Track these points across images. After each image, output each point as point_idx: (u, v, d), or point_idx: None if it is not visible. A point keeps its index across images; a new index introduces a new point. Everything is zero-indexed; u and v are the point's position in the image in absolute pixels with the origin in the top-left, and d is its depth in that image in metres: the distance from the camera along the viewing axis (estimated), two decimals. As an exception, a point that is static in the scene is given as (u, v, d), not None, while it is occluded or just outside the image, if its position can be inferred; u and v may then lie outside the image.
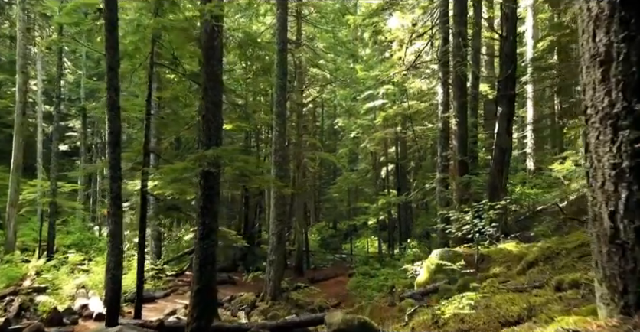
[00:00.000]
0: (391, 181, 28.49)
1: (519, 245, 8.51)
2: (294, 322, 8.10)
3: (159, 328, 7.50)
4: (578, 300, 3.10)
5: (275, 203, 14.15)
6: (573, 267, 4.63)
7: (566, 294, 3.32)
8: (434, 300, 7.19)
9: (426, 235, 19.06)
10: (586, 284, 3.29)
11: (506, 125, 11.93)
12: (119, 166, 8.07)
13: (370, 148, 25.31)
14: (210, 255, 6.67)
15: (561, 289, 3.47)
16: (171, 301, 13.60)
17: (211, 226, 6.74)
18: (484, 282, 5.45)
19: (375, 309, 7.22)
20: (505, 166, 12.19)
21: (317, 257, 26.38)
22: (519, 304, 3.38)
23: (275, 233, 14.15)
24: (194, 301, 6.48)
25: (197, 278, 6.60)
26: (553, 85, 20.79)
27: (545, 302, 3.25)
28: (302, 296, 15.32)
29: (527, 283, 4.38)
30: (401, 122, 22.89)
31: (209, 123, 6.82)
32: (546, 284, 4.01)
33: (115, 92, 8.00)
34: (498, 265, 7.53)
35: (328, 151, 30.86)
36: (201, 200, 6.77)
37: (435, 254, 8.64)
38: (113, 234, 7.93)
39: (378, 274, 17.70)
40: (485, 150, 20.47)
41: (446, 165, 13.22)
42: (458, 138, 12.44)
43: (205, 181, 6.74)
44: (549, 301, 3.25)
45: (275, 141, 14.37)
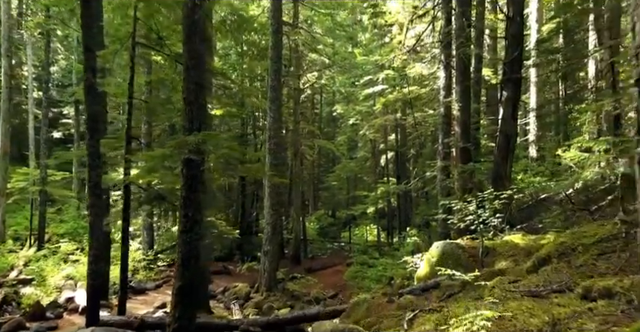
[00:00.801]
0: (391, 169, 27.95)
1: (525, 237, 8.01)
2: (285, 319, 7.65)
3: (139, 329, 7.03)
4: (616, 316, 2.59)
5: (270, 192, 13.64)
6: (594, 266, 4.12)
7: (597, 304, 2.80)
8: (435, 296, 6.72)
9: (426, 224, 18.59)
10: (622, 294, 2.77)
11: (511, 110, 11.34)
12: (99, 153, 7.54)
13: (370, 135, 24.71)
14: (194, 249, 6.15)
15: (589, 298, 2.96)
16: (162, 293, 13.18)
17: (195, 218, 6.21)
18: (492, 281, 4.94)
19: (372, 306, 6.75)
20: (510, 153, 11.62)
21: (315, 246, 25.98)
22: (539, 316, 2.86)
23: (270, 223, 13.67)
24: (176, 299, 5.99)
25: (179, 274, 6.09)
26: (558, 69, 20.12)
27: (572, 314, 2.73)
28: (299, 287, 14.90)
29: (542, 285, 3.87)
30: (401, 108, 22.27)
31: (191, 106, 6.25)
32: (568, 289, 3.50)
33: (92, 73, 7.43)
34: (504, 259, 7.03)
35: (327, 139, 30.28)
36: (184, 189, 6.24)
37: (437, 246, 8.15)
38: (93, 226, 7.43)
39: (377, 264, 17.27)
40: (488, 137, 19.93)
41: (448, 153, 12.67)
42: (461, 124, 11.86)
43: (187, 170, 6.19)
44: (577, 314, 2.73)
45: (270, 127, 13.80)
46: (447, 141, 12.34)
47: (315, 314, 7.68)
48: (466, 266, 7.56)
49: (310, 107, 29.69)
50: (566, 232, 5.37)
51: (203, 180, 6.38)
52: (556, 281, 3.96)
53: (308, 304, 13.63)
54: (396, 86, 20.92)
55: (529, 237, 7.94)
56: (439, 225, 12.12)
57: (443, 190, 12.38)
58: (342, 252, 23.57)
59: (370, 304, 6.82)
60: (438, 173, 12.66)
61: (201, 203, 6.38)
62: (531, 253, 6.94)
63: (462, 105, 11.77)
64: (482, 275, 6.27)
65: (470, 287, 6.09)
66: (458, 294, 6.16)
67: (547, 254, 5.00)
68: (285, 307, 12.88)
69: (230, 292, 13.32)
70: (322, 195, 34.02)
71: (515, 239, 7.96)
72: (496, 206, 7.94)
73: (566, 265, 4.50)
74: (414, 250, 16.60)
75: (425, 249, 16.52)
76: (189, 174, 6.24)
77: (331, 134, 35.58)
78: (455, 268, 7.67)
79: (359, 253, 18.97)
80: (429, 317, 4.15)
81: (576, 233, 5.10)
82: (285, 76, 17.82)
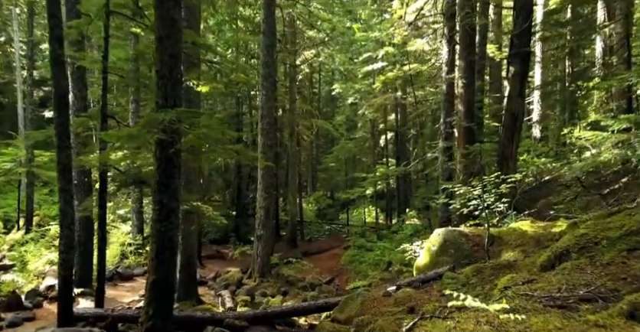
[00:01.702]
0: (390, 150, 27.26)
1: (535, 224, 7.40)
2: (274, 312, 7.10)
3: (109, 328, 6.48)
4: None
5: (263, 174, 13.00)
6: (625, 265, 3.50)
7: (652, 330, 2.22)
8: (436, 290, 6.14)
9: (425, 207, 18.01)
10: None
11: (519, 87, 10.60)
12: (67, 133, 6.86)
13: (369, 114, 23.96)
14: (169, 240, 5.54)
15: (637, 317, 2.35)
16: (151, 279, 12.66)
17: (170, 206, 5.58)
18: (502, 279, 4.34)
19: (367, 300, 6.18)
20: (516, 133, 10.92)
21: (313, 228, 25.49)
22: (573, 341, 2.27)
23: (263, 207, 13.08)
24: (150, 294, 5.41)
25: (153, 268, 5.49)
26: (565, 45, 19.24)
27: (617, 342, 2.16)
28: (293, 272, 14.41)
29: (565, 289, 3.25)
30: (401, 86, 21.45)
31: (165, 80, 5.54)
32: (600, 297, 2.89)
33: (58, 43, 6.69)
34: (511, 249, 6.43)
35: (326, 119, 29.48)
36: (157, 174, 5.58)
37: (438, 234, 7.55)
38: (63, 213, 6.80)
39: (374, 247, 16.79)
40: (491, 116, 19.18)
41: (450, 133, 11.98)
42: (465, 102, 11.14)
43: (161, 151, 5.53)
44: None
45: (263, 106, 13.08)
46: (449, 121, 11.64)
47: (305, 307, 7.14)
48: (470, 256, 6.99)
49: (308, 86, 28.85)
50: (588, 223, 4.73)
51: (179, 164, 5.71)
52: (582, 283, 3.34)
53: (302, 290, 13.16)
54: (396, 63, 20.05)
55: (538, 224, 7.34)
56: (440, 209, 11.53)
57: (445, 173, 11.75)
58: (340, 235, 23.06)
59: (365, 298, 6.25)
60: (439, 154, 12.00)
61: (178, 189, 5.73)
62: (541, 243, 6.35)
63: (465, 82, 11.04)
64: (488, 267, 5.69)
65: (476, 281, 5.51)
66: (462, 288, 5.58)
67: (565, 248, 4.38)
68: (279, 294, 12.41)
69: (221, 278, 12.81)
70: (320, 176, 33.43)
71: (523, 226, 7.36)
72: (502, 190, 7.31)
73: (589, 262, 3.88)
74: (413, 234, 16.11)
75: (424, 234, 16.03)
76: (163, 157, 5.58)
77: (330, 114, 34.78)
78: (459, 258, 7.10)
79: (357, 236, 18.45)
80: (429, 326, 3.55)
81: (599, 224, 4.47)
82: (279, 52, 16.99)
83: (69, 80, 10.63)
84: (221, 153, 6.48)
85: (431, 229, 16.48)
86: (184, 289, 10.05)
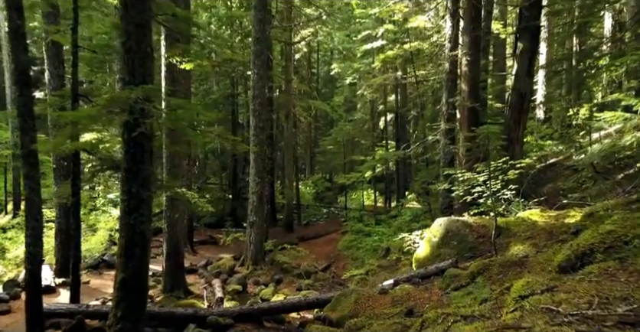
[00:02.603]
0: (390, 132, 26.55)
1: (545, 213, 6.81)
2: (261, 309, 6.56)
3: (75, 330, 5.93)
4: None
5: (255, 158, 12.36)
6: (666, 273, 2.90)
7: None
8: (437, 287, 5.59)
9: (426, 191, 17.43)
10: None
11: (527, 65, 9.90)
12: (31, 113, 6.19)
13: (368, 95, 23.19)
14: (140, 234, 4.95)
15: None
16: (139, 267, 12.14)
17: (140, 196, 4.97)
18: (514, 283, 3.74)
19: (361, 298, 5.63)
20: (524, 115, 10.29)
21: (310, 212, 25.00)
22: None
23: (256, 192, 12.48)
24: (119, 295, 4.85)
25: (121, 265, 4.92)
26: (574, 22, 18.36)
27: None
28: (288, 258, 13.89)
29: (598, 304, 2.66)
30: (401, 65, 20.61)
31: (131, 53, 4.86)
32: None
33: (17, 13, 5.96)
34: (521, 242, 5.85)
35: (325, 100, 28.66)
36: (125, 160, 4.96)
37: (440, 224, 6.97)
38: (29, 202, 6.19)
39: (372, 232, 16.27)
40: (494, 97, 18.45)
41: (453, 114, 11.29)
42: (469, 81, 10.44)
43: (129, 135, 4.89)
44: None
45: (254, 85, 12.35)
46: (452, 101, 10.95)
47: (295, 303, 6.61)
48: (474, 249, 6.42)
49: (306, 66, 27.96)
50: (615, 217, 4.12)
51: (149, 148, 5.07)
52: (617, 296, 2.75)
53: (297, 277, 12.67)
54: (396, 41, 19.19)
55: (548, 213, 6.75)
56: (441, 194, 10.93)
57: (446, 156, 11.12)
58: (338, 218, 22.56)
59: (359, 296, 5.70)
60: (441, 137, 11.34)
61: (150, 177, 5.11)
62: (554, 235, 5.77)
63: (470, 59, 10.31)
64: (496, 264, 5.11)
65: (483, 280, 4.94)
66: (467, 288, 5.02)
67: (589, 246, 3.78)
68: (272, 282, 11.92)
69: (212, 266, 12.29)
70: (318, 159, 32.80)
71: (532, 215, 6.77)
72: (510, 176, 6.70)
73: (620, 266, 3.29)
74: (412, 219, 15.57)
75: (424, 219, 15.47)
76: (131, 141, 4.94)
77: (328, 94, 33.95)
78: (462, 250, 6.54)
79: (354, 221, 17.91)
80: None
81: (628, 219, 3.86)
82: (273, 28, 16.16)
83: (44, 57, 9.94)
84: (196, 136, 5.83)
85: (431, 213, 15.98)
86: (171, 279, 9.55)
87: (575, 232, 5.24)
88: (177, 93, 9.36)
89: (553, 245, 5.18)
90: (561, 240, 5.20)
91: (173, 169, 9.29)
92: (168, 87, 9.19)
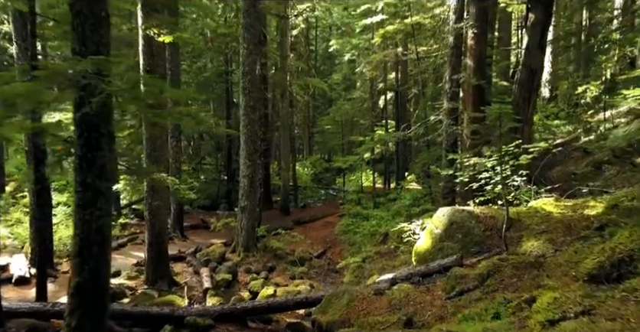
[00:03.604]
0: (390, 111, 25.68)
1: (560, 202, 6.12)
2: (244, 308, 5.95)
3: None
4: None
5: (246, 139, 11.63)
6: None
7: None
8: (440, 288, 4.94)
9: (426, 174, 16.74)
10: None
11: (539, 38, 9.06)
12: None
13: (367, 72, 22.24)
14: (98, 231, 4.28)
15: None
16: (125, 253, 11.57)
17: (97, 187, 4.27)
18: (540, 298, 3.07)
19: (354, 299, 5.00)
20: (533, 93, 9.51)
21: (307, 193, 24.38)
22: None
23: (247, 175, 11.80)
24: (73, 301, 4.20)
25: (76, 267, 4.26)
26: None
27: None
28: (282, 244, 13.31)
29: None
30: (402, 41, 19.64)
31: (81, 18, 4.09)
32: None
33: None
34: (534, 237, 5.18)
35: (323, 78, 27.69)
36: (78, 146, 4.24)
37: (443, 214, 6.29)
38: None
39: (370, 216, 15.67)
40: (499, 74, 17.59)
41: (456, 92, 10.49)
42: (475, 56, 9.62)
43: (82, 116, 4.16)
44: None
45: (244, 61, 11.52)
46: (456, 78, 10.14)
47: (282, 302, 6.00)
48: (481, 243, 5.76)
49: (304, 42, 26.87)
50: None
51: (108, 132, 4.35)
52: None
53: (291, 264, 12.11)
54: (397, 14, 18.17)
55: (564, 203, 6.06)
56: (443, 178, 10.24)
57: (449, 138, 10.37)
58: (336, 200, 21.95)
59: (353, 297, 5.06)
60: (444, 117, 10.58)
61: (108, 165, 4.40)
62: (573, 230, 5.09)
63: (477, 32, 9.47)
64: (509, 265, 4.44)
65: (494, 284, 4.29)
66: (474, 292, 4.37)
67: (628, 253, 3.11)
68: (265, 270, 11.36)
69: (202, 253, 11.68)
70: (316, 140, 32.02)
71: (546, 205, 6.08)
72: (522, 161, 6.00)
73: (674, 281, 2.61)
74: (412, 203, 14.93)
75: (424, 202, 14.83)
76: (83, 123, 4.22)
77: (327, 72, 32.95)
78: (467, 244, 5.87)
79: (352, 203, 17.28)
80: None
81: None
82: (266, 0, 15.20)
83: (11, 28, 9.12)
84: (161, 117, 5.09)
85: (431, 197, 15.35)
86: (154, 270, 8.95)
87: (599, 227, 4.57)
88: (158, 69, 8.58)
89: (573, 243, 4.51)
90: (583, 237, 4.53)
91: (153, 153, 8.57)
92: (146, 62, 8.39)
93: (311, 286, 9.93)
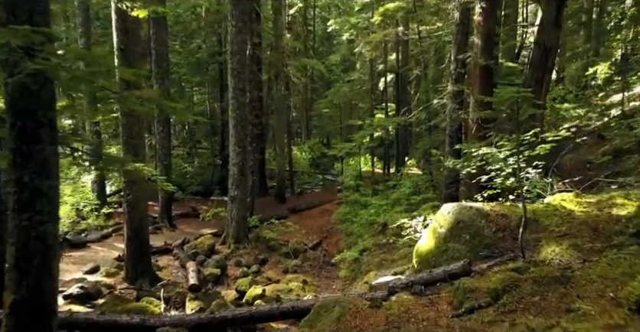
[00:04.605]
0: (390, 94, 24.79)
1: (581, 198, 5.39)
2: (224, 318, 5.29)
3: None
4: None
5: (235, 124, 10.86)
6: None
7: None
8: (446, 302, 4.27)
9: (427, 160, 16.00)
10: None
11: (555, 13, 8.21)
12: None
13: (367, 53, 21.28)
14: (38, 239, 3.58)
15: None
16: (108, 246, 10.93)
17: (36, 186, 3.56)
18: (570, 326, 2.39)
19: (346, 315, 4.32)
20: (547, 74, 8.71)
21: (305, 179, 23.66)
22: None
23: (237, 163, 11.07)
24: (9, 322, 3.53)
25: (13, 283, 3.57)
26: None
27: None
28: (276, 234, 12.67)
29: None
30: (403, 20, 18.66)
31: (8, -20, 3.32)
32: None
33: None
34: (555, 241, 4.47)
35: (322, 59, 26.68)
36: (10, 137, 3.51)
37: (448, 212, 5.58)
38: None
39: (369, 204, 15.00)
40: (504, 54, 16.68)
41: (462, 73, 9.67)
42: (484, 34, 8.77)
43: (13, 101, 3.42)
44: None
45: (233, 40, 10.67)
46: (462, 58, 9.31)
47: (266, 312, 5.33)
48: (492, 246, 5.06)
49: (302, 22, 25.82)
50: None
51: (49, 120, 3.61)
52: None
53: (284, 257, 11.49)
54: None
55: (586, 199, 5.33)
56: (446, 168, 9.49)
57: (454, 123, 9.60)
58: (334, 186, 21.27)
59: (344, 310, 4.39)
60: (448, 100, 9.78)
61: (51, 159, 3.67)
62: (601, 233, 4.39)
63: (485, 6, 8.61)
64: (529, 280, 3.74)
65: (510, 302, 3.60)
66: (487, 310, 3.69)
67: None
68: (256, 263, 10.74)
69: (189, 245, 11.03)
70: (314, 124, 31.15)
71: (566, 202, 5.37)
72: (539, 151, 5.27)
73: None
74: (413, 191, 14.24)
75: (425, 190, 14.13)
76: (17, 109, 3.47)
77: (326, 54, 31.86)
78: (476, 247, 5.17)
79: (350, 191, 16.58)
80: None
81: None
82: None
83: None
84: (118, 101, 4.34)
85: (432, 184, 14.66)
86: (134, 266, 8.32)
87: (637, 233, 3.86)
88: (134, 48, 7.77)
89: (605, 252, 3.81)
90: (617, 246, 3.83)
91: (130, 140, 7.83)
92: (120, 40, 7.58)
93: (305, 282, 9.30)
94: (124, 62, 7.42)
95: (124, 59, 7.41)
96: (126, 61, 7.38)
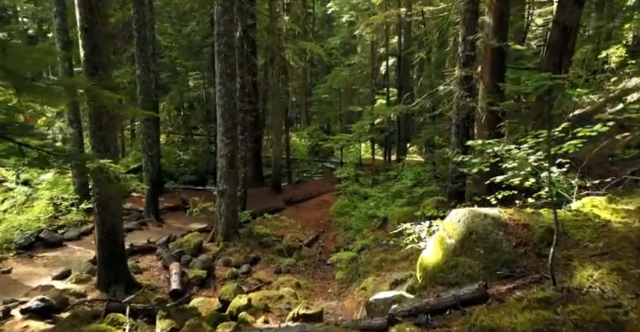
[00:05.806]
0: (392, 78, 23.77)
1: (616, 203, 4.55)
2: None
3: None
4: None
5: (223, 113, 9.98)
6: None
7: None
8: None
9: (431, 150, 15.13)
10: None
11: (577, -12, 7.28)
12: None
13: (367, 36, 20.23)
14: None
15: None
16: (86, 245, 10.14)
17: None
18: None
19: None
20: (566, 57, 7.80)
21: (303, 167, 22.82)
22: None
23: (225, 155, 10.23)
24: None
25: None
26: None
27: None
28: (270, 229, 11.90)
29: None
30: (405, 0, 17.60)
31: None
32: None
33: None
34: (591, 263, 3.65)
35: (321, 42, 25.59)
36: None
37: (458, 219, 4.74)
38: None
39: (369, 195, 14.19)
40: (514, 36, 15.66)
41: (471, 57, 8.74)
42: (496, 12, 7.83)
43: None
44: None
45: (219, 20, 9.74)
46: (472, 39, 8.37)
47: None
48: (511, 263, 4.24)
49: (301, 4, 24.68)
50: None
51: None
52: None
53: (278, 254, 10.73)
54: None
55: (622, 205, 4.50)
56: (452, 161, 8.63)
57: (461, 112, 8.71)
58: (333, 175, 20.43)
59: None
60: (455, 86, 8.87)
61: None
62: None
63: (499, -18, 7.66)
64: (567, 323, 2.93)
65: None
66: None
67: None
68: (247, 262, 9.97)
69: (175, 243, 10.24)
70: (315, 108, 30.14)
71: (598, 208, 4.53)
72: (567, 149, 4.43)
73: None
74: (415, 184, 13.39)
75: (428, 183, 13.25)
76: None
77: (326, 36, 30.70)
78: (492, 264, 4.35)
79: (349, 181, 15.75)
80: None
81: None
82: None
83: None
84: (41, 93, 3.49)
85: (436, 176, 13.81)
86: (108, 272, 7.53)
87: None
88: (100, 27, 6.84)
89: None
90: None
91: (98, 131, 6.97)
92: (83, 18, 6.66)
93: (298, 285, 8.56)
94: (88, 43, 6.52)
95: (88, 39, 6.50)
96: (90, 42, 6.49)
